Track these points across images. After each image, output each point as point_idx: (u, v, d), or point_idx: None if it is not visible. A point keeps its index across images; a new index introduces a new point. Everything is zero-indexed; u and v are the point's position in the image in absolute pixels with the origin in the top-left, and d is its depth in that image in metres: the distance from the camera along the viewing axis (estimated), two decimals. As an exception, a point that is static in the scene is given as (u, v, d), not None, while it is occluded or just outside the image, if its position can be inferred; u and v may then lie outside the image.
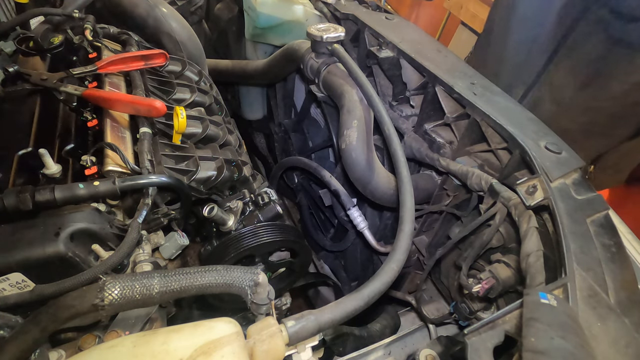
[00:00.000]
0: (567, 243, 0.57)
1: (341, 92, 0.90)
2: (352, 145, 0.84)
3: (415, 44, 1.04)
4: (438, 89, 0.91)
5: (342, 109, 0.88)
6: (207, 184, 0.79)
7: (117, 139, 0.70)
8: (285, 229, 0.77)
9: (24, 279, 0.53)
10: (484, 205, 0.72)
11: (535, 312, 0.44)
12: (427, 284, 0.87)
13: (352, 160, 0.85)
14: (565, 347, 0.40)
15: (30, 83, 0.75)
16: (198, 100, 0.91)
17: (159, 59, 0.86)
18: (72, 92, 0.73)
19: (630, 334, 0.49)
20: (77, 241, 0.55)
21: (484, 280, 0.67)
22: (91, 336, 0.53)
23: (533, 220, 0.64)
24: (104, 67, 0.78)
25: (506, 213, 0.69)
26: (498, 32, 1.55)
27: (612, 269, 0.55)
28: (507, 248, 0.73)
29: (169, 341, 0.44)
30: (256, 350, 0.48)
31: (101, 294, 0.46)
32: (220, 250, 0.75)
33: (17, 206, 0.54)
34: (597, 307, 0.50)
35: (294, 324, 0.52)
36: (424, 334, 0.75)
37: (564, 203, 0.63)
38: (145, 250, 0.63)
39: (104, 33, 0.91)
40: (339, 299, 0.59)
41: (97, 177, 0.65)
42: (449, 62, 0.97)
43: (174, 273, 0.49)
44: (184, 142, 0.79)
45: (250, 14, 1.26)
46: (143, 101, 0.71)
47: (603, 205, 0.64)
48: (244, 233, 0.74)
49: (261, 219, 0.79)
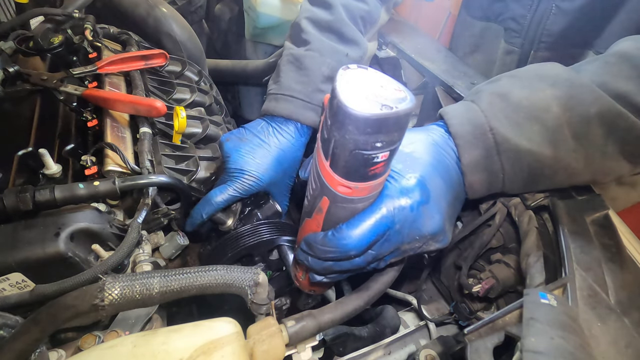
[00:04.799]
0: (567, 243, 0.57)
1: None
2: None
3: (415, 44, 1.04)
4: (438, 89, 0.91)
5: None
6: (207, 184, 0.79)
7: (117, 139, 0.70)
8: (284, 227, 0.77)
9: (24, 279, 0.53)
10: (484, 205, 0.72)
11: (535, 312, 0.44)
12: (427, 284, 0.87)
13: None
14: (565, 347, 0.40)
15: (30, 83, 0.75)
16: (198, 100, 0.91)
17: (159, 59, 0.86)
18: (72, 92, 0.73)
19: (630, 334, 0.49)
20: (77, 241, 0.55)
21: (484, 280, 0.67)
22: (91, 336, 0.53)
23: (533, 220, 0.64)
24: (104, 67, 0.78)
25: (506, 213, 0.69)
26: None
27: (612, 269, 0.55)
28: (507, 248, 0.73)
29: (169, 341, 0.44)
30: (256, 350, 0.48)
31: (101, 294, 0.46)
32: (220, 250, 0.75)
33: (17, 206, 0.54)
34: (597, 307, 0.50)
35: (294, 324, 0.52)
36: (424, 334, 0.75)
37: (564, 203, 0.63)
38: (145, 250, 0.63)
39: (104, 33, 0.91)
40: (339, 299, 0.59)
41: (97, 177, 0.65)
42: (449, 62, 0.97)
43: (174, 273, 0.49)
44: (184, 142, 0.79)
45: (250, 14, 1.26)
46: (143, 101, 0.71)
47: (603, 205, 0.64)
48: (242, 232, 0.74)
49: (260, 217, 0.79)
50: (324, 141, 0.40)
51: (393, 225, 0.49)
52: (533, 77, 0.59)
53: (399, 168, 0.51)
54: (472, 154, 0.56)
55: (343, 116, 0.35)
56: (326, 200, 0.45)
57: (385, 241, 0.50)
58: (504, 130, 0.55)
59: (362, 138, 0.35)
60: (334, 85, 0.36)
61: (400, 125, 0.36)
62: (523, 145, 0.55)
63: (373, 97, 0.35)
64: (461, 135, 0.56)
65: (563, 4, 0.87)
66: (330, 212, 0.47)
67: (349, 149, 0.37)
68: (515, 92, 0.57)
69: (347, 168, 0.39)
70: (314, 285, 0.61)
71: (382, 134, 0.36)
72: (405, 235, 0.50)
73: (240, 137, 0.78)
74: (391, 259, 0.54)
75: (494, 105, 0.57)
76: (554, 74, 0.58)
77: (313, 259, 0.52)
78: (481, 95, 0.59)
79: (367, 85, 0.36)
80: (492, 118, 0.56)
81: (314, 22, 0.84)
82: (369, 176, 0.41)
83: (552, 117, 0.55)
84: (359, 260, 0.50)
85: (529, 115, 0.55)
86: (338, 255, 0.49)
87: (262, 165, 0.75)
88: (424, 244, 0.52)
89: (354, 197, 0.44)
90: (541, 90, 0.56)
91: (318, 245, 0.50)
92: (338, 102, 0.35)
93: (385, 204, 0.48)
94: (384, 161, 0.39)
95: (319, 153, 0.43)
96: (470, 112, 0.57)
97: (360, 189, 0.43)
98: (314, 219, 0.50)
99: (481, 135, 0.56)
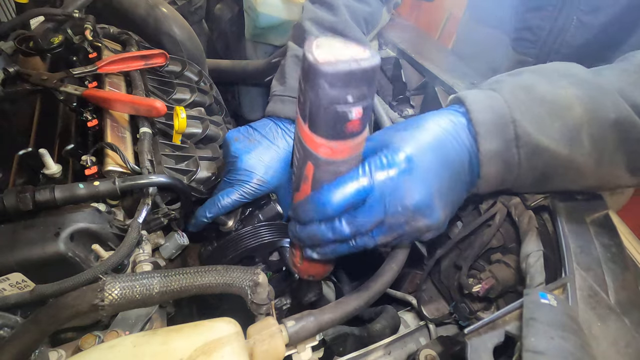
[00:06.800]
0: (567, 243, 0.58)
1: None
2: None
3: (415, 44, 1.04)
4: (438, 89, 0.91)
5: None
6: (207, 184, 0.79)
7: (117, 139, 0.70)
8: (285, 229, 0.77)
9: (24, 279, 0.53)
10: (484, 205, 0.72)
11: (535, 312, 0.44)
12: (427, 284, 0.87)
13: None
14: (565, 347, 0.40)
15: (30, 83, 0.75)
16: (198, 100, 0.91)
17: (159, 59, 0.86)
18: (72, 92, 0.73)
19: (630, 334, 0.49)
20: (77, 241, 0.55)
21: (484, 280, 0.67)
22: (91, 336, 0.53)
23: (533, 220, 0.64)
24: (104, 67, 0.78)
25: (506, 213, 0.69)
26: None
27: (612, 268, 0.55)
28: (507, 248, 0.73)
29: (169, 341, 0.44)
30: (256, 350, 0.48)
31: (101, 294, 0.46)
32: (220, 251, 0.75)
33: (17, 206, 0.54)
34: (597, 307, 0.50)
35: (294, 324, 0.52)
36: (424, 334, 0.75)
37: (564, 203, 0.63)
38: (145, 250, 0.63)
39: (104, 33, 0.91)
40: (340, 298, 0.59)
41: (97, 177, 0.65)
42: (449, 62, 0.97)
43: (174, 273, 0.49)
44: (184, 142, 0.79)
45: (250, 14, 1.26)
46: (143, 101, 0.71)
47: (603, 205, 0.64)
48: (243, 233, 0.74)
49: (261, 218, 0.79)
50: (301, 105, 0.44)
51: (372, 190, 0.48)
52: (555, 74, 0.58)
53: (389, 141, 0.51)
54: (492, 143, 0.53)
55: (314, 74, 0.39)
56: (310, 165, 0.48)
57: (367, 209, 0.49)
58: (526, 123, 0.53)
59: (333, 92, 0.39)
60: (304, 50, 0.40)
61: (368, 79, 0.40)
62: (542, 141, 0.53)
63: (341, 57, 0.39)
64: (482, 122, 0.53)
65: (585, 17, 0.84)
66: (316, 178, 0.49)
67: (324, 105, 0.40)
68: (539, 86, 0.55)
69: (324, 126, 0.43)
70: (311, 267, 0.62)
71: (351, 88, 0.40)
72: (387, 204, 0.49)
73: (248, 138, 0.78)
74: (381, 237, 0.52)
75: (517, 96, 0.55)
76: (576, 73, 0.57)
77: (300, 226, 0.52)
78: (502, 85, 0.57)
79: (335, 48, 0.40)
80: (515, 109, 0.54)
81: (317, 23, 0.84)
82: (347, 134, 0.43)
83: (574, 116, 0.53)
84: (342, 229, 0.49)
85: (551, 112, 0.54)
86: (318, 214, 0.49)
87: (271, 168, 0.75)
88: (410, 219, 0.50)
89: (336, 159, 0.46)
90: (564, 88, 0.55)
91: (300, 206, 0.51)
92: (309, 63, 0.39)
93: (365, 167, 0.49)
94: (359, 119, 0.42)
95: (298, 119, 0.46)
96: (492, 100, 0.55)
97: (340, 148, 0.45)
98: (301, 191, 0.52)
99: (503, 126, 0.53)
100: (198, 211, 0.75)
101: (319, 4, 0.86)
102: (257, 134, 0.78)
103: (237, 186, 0.74)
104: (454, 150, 0.53)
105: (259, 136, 0.78)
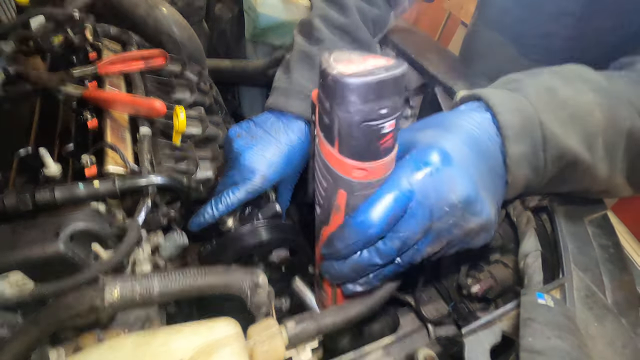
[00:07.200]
0: (565, 243, 0.58)
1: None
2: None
3: (415, 44, 1.04)
4: (438, 89, 0.91)
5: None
6: (207, 184, 0.79)
7: (117, 139, 0.71)
8: (284, 228, 0.77)
9: (24, 279, 0.53)
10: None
11: (532, 312, 0.44)
12: (426, 284, 0.87)
13: None
14: (562, 347, 0.41)
15: (30, 83, 0.75)
16: (198, 100, 0.91)
17: (159, 59, 0.87)
18: (72, 92, 0.73)
19: (627, 335, 0.49)
20: (77, 241, 0.55)
21: (483, 280, 0.68)
22: (91, 336, 0.53)
23: (531, 221, 0.65)
24: (104, 67, 0.78)
25: (505, 213, 0.69)
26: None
27: (609, 269, 0.56)
28: (505, 248, 0.73)
29: (169, 341, 0.44)
30: (256, 351, 0.48)
31: (101, 294, 0.46)
32: (220, 250, 0.75)
33: (17, 206, 0.54)
34: (595, 308, 0.51)
35: (294, 326, 0.52)
36: (422, 334, 0.75)
37: (562, 204, 0.64)
38: (145, 250, 0.64)
39: (104, 33, 0.91)
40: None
41: (97, 177, 0.65)
42: (449, 63, 0.97)
43: (174, 274, 0.49)
44: (183, 142, 0.79)
45: (250, 14, 1.26)
46: (143, 101, 0.71)
47: (601, 206, 0.65)
48: (242, 232, 0.74)
49: (260, 217, 0.80)
50: (326, 129, 0.39)
51: (413, 194, 0.43)
52: (575, 77, 0.57)
53: (415, 140, 0.47)
54: (520, 147, 0.50)
55: (342, 90, 0.35)
56: (342, 193, 0.43)
57: (410, 217, 0.43)
58: (552, 125, 0.51)
59: (366, 107, 0.35)
60: (322, 68, 0.36)
61: (399, 87, 0.36)
62: (568, 144, 0.51)
63: (363, 68, 0.36)
64: (510, 125, 0.50)
65: (604, 35, 0.81)
66: (350, 205, 0.44)
67: (356, 123, 0.36)
68: (561, 90, 0.54)
69: (357, 147, 0.38)
70: (346, 298, 0.57)
71: (384, 99, 0.36)
72: (431, 207, 0.43)
73: (251, 134, 0.77)
74: (428, 248, 0.46)
75: (541, 98, 0.53)
76: (593, 79, 0.57)
77: (338, 263, 0.47)
78: (523, 85, 0.55)
79: (354, 60, 0.37)
80: (541, 112, 0.51)
81: (327, 21, 0.83)
82: (381, 151, 0.40)
83: (594, 122, 0.53)
84: (386, 248, 0.44)
85: (573, 116, 0.52)
86: (359, 240, 0.43)
87: (274, 164, 0.74)
88: (460, 219, 0.45)
89: (371, 180, 0.42)
90: (584, 93, 0.54)
91: (336, 237, 0.45)
92: (334, 78, 0.35)
93: (400, 173, 0.43)
94: (392, 131, 0.38)
95: (322, 145, 0.41)
96: (517, 102, 0.52)
97: (375, 168, 0.41)
98: (332, 223, 0.47)
99: (530, 128, 0.51)
100: (203, 209, 0.74)
101: (329, 2, 0.85)
102: (259, 130, 0.78)
103: (242, 184, 0.73)
104: (486, 146, 0.50)
105: (261, 132, 0.77)
